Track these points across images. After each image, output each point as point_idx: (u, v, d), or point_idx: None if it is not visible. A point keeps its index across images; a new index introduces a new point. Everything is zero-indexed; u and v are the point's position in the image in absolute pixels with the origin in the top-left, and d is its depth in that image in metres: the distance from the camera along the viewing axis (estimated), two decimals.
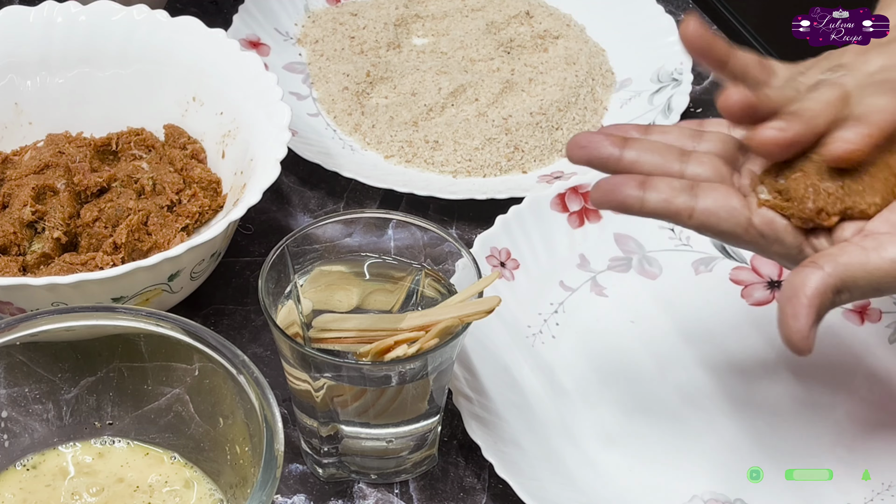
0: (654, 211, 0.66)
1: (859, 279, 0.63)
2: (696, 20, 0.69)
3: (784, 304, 0.63)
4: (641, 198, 0.66)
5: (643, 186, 0.66)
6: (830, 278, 0.62)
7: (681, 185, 0.67)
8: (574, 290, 0.87)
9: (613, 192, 0.67)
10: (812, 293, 0.62)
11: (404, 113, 0.99)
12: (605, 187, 0.67)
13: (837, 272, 0.62)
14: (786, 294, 0.63)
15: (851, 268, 0.63)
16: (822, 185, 0.66)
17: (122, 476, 0.70)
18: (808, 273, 0.63)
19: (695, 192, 0.66)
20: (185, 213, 0.86)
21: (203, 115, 0.91)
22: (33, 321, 0.68)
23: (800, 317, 0.62)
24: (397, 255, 0.78)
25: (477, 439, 0.75)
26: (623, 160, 0.68)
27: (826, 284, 0.62)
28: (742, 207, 0.66)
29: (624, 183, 0.67)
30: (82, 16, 0.91)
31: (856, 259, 0.63)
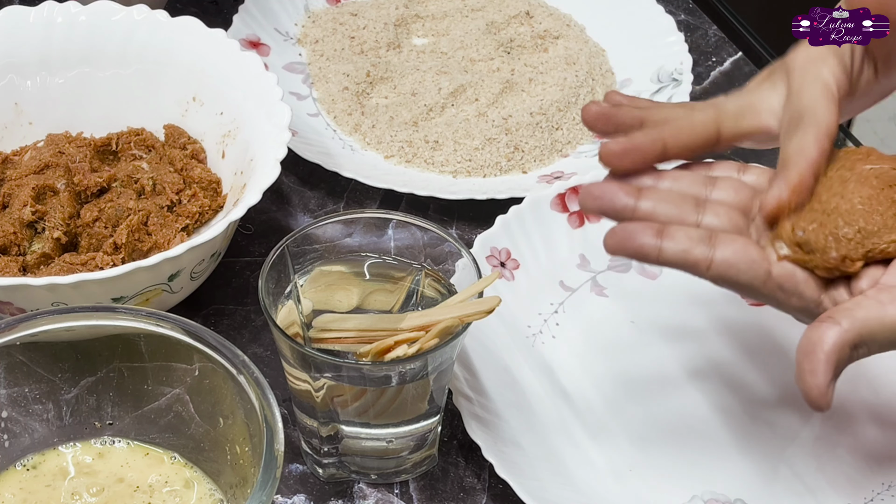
0: (672, 261, 0.66)
1: (877, 334, 0.63)
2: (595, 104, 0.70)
3: (802, 360, 0.62)
4: (659, 247, 0.66)
5: (660, 235, 0.66)
6: (848, 334, 0.62)
7: (698, 235, 0.66)
8: (574, 290, 0.87)
9: (629, 240, 0.66)
10: (830, 349, 0.62)
11: (404, 113, 0.99)
12: (620, 235, 0.66)
13: (855, 327, 0.62)
14: (803, 349, 0.62)
15: (869, 323, 0.62)
16: (841, 233, 0.66)
17: (122, 476, 0.70)
18: (826, 328, 0.62)
19: (713, 243, 0.66)
20: (185, 213, 0.86)
21: (203, 115, 0.91)
22: (33, 321, 0.68)
23: (818, 373, 0.62)
24: (397, 255, 0.78)
25: (477, 439, 0.75)
26: (639, 211, 0.67)
27: (844, 340, 0.62)
28: (761, 259, 0.66)
29: (641, 232, 0.66)
30: (82, 16, 0.91)
31: (873, 314, 0.63)
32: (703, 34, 1.10)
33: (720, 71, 1.06)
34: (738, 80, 1.05)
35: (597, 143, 0.99)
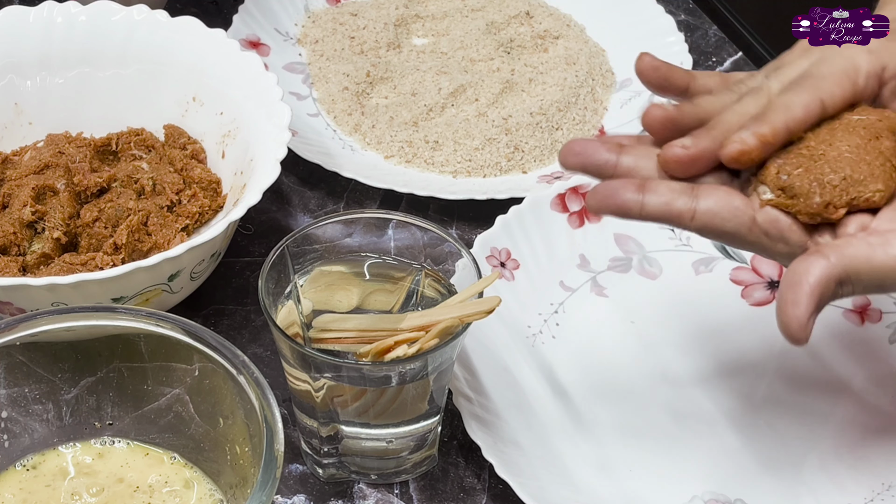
0: (655, 214, 0.65)
1: (863, 273, 0.62)
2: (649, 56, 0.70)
3: (785, 290, 0.62)
4: (641, 201, 0.65)
5: (642, 190, 0.65)
6: (835, 268, 0.62)
7: (680, 188, 0.66)
8: (574, 290, 0.87)
9: (612, 197, 0.65)
10: (815, 281, 0.61)
11: (404, 113, 0.99)
12: (602, 192, 0.66)
13: (842, 263, 0.62)
14: (788, 280, 0.62)
15: (857, 261, 0.62)
16: (826, 178, 0.65)
17: (122, 476, 0.70)
18: (813, 261, 0.62)
19: (695, 194, 0.65)
20: (185, 214, 0.86)
21: (203, 115, 0.91)
22: (33, 321, 0.68)
23: (800, 304, 0.61)
24: (397, 255, 0.78)
25: (477, 439, 0.75)
26: (620, 166, 0.67)
27: (830, 274, 0.62)
28: (745, 207, 0.65)
29: (622, 187, 0.66)
30: (82, 16, 0.91)
31: (861, 252, 0.62)
32: (703, 34, 1.10)
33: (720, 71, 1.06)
34: None
35: None
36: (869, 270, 0.62)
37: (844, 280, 0.62)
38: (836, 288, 0.62)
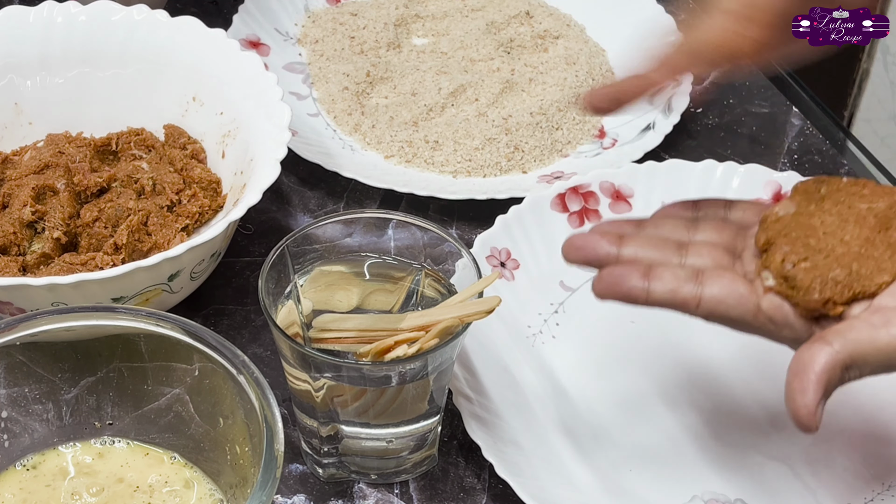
0: (661, 301, 0.66)
1: (869, 356, 0.62)
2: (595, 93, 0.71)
3: (792, 379, 0.62)
4: (647, 289, 0.66)
5: (647, 277, 0.66)
6: (840, 355, 0.62)
7: (686, 274, 0.66)
8: (574, 290, 0.87)
9: (618, 284, 0.66)
10: (821, 369, 0.61)
11: (404, 113, 0.99)
12: (608, 279, 0.66)
13: (847, 349, 0.62)
14: (794, 369, 0.62)
15: (861, 344, 0.62)
16: (831, 275, 0.65)
17: (122, 476, 0.70)
18: (818, 349, 0.62)
19: (700, 281, 0.66)
20: (185, 213, 0.86)
21: (203, 115, 0.91)
22: (33, 321, 0.68)
23: (808, 392, 0.61)
24: (397, 255, 0.78)
25: (477, 439, 0.75)
26: (622, 258, 0.68)
27: (835, 361, 0.62)
28: (750, 293, 0.66)
29: (628, 274, 0.66)
30: (82, 16, 0.91)
31: (865, 335, 0.62)
32: None
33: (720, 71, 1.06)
34: (737, 80, 1.05)
35: (597, 142, 0.99)
36: (874, 353, 0.62)
37: (850, 365, 0.62)
38: (842, 374, 0.62)
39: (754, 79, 1.05)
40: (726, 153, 0.99)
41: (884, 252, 0.66)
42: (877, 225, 0.67)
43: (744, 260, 0.69)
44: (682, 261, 0.68)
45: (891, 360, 0.62)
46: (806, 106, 1.03)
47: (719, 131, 1.01)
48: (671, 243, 0.69)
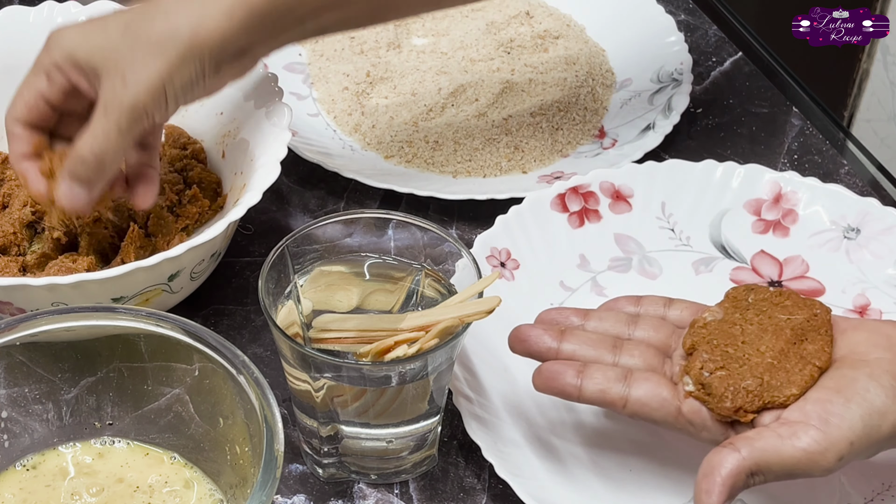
0: (591, 399, 0.71)
1: (773, 464, 0.67)
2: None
3: (701, 480, 0.67)
4: (579, 387, 0.71)
5: (581, 375, 0.71)
6: (746, 461, 0.66)
7: (615, 375, 0.71)
8: (574, 290, 0.87)
9: (554, 380, 0.72)
10: (727, 474, 0.66)
11: (404, 113, 0.99)
12: (545, 374, 0.72)
13: (753, 456, 0.66)
14: (704, 470, 0.67)
15: (766, 454, 0.66)
16: (743, 384, 0.69)
17: (122, 476, 0.70)
18: (726, 454, 0.67)
19: (629, 382, 0.71)
20: (185, 214, 0.86)
21: (203, 115, 0.91)
22: (33, 321, 0.68)
23: (713, 494, 0.66)
24: (397, 255, 0.78)
25: (477, 439, 0.75)
26: (561, 353, 0.73)
27: (741, 467, 0.66)
28: (672, 398, 0.71)
29: (563, 372, 0.72)
30: (82, 16, 0.91)
31: (770, 445, 0.67)
32: (703, 34, 1.10)
33: (720, 71, 1.06)
34: (737, 80, 1.05)
35: (597, 142, 0.99)
36: (778, 462, 0.67)
37: (755, 471, 0.67)
38: (746, 478, 0.67)
39: (754, 79, 1.05)
40: (726, 153, 0.99)
41: (795, 364, 0.70)
42: (792, 337, 0.71)
43: (673, 360, 0.73)
44: (616, 359, 0.73)
45: (793, 470, 0.67)
46: (806, 106, 1.03)
47: (719, 131, 1.01)
48: (608, 341, 0.74)
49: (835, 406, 0.67)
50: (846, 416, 0.66)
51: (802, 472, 0.67)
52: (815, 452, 0.66)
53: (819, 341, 0.71)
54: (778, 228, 0.90)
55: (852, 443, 0.66)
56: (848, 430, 0.66)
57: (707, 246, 0.90)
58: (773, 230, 0.90)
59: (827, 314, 0.73)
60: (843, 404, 0.67)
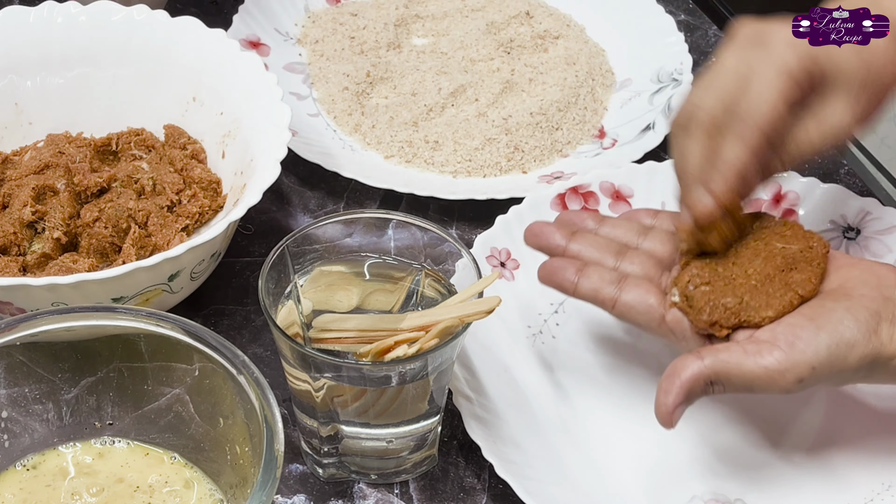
0: (584, 296, 0.76)
1: (733, 377, 0.70)
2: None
3: (663, 381, 0.70)
4: (575, 283, 0.76)
5: (579, 273, 0.76)
6: (706, 370, 0.69)
7: (610, 278, 0.76)
8: None
9: (555, 274, 0.77)
10: (686, 378, 0.69)
11: (404, 113, 0.99)
12: (548, 268, 0.77)
13: (714, 366, 0.69)
14: (666, 373, 0.70)
15: (728, 366, 0.69)
16: (723, 301, 0.72)
17: (122, 476, 0.70)
18: (690, 361, 0.70)
19: (621, 286, 0.75)
20: (185, 214, 0.86)
21: (203, 115, 0.91)
22: (33, 321, 0.68)
23: (670, 394, 0.69)
24: (397, 255, 0.78)
25: (477, 439, 0.75)
26: (568, 251, 0.78)
27: (700, 374, 0.69)
28: (658, 306, 0.74)
29: (564, 268, 0.77)
30: (82, 16, 0.91)
31: (734, 359, 0.69)
32: (703, 34, 1.10)
33: None
34: None
35: (597, 142, 1.00)
36: (738, 375, 0.69)
37: (715, 381, 0.70)
38: (705, 386, 0.70)
39: None
40: None
41: (777, 290, 0.72)
42: (782, 264, 0.73)
43: (672, 273, 0.76)
44: (617, 265, 0.77)
45: (752, 386, 0.69)
46: None
47: None
48: (613, 247, 0.78)
49: (804, 332, 0.69)
50: (812, 343, 0.69)
51: (761, 388, 0.69)
52: (775, 371, 0.68)
53: (807, 272, 0.73)
54: None
55: (814, 368, 0.68)
56: (812, 356, 0.68)
57: None
58: None
59: (823, 248, 0.74)
60: (813, 331, 0.69)
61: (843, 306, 0.70)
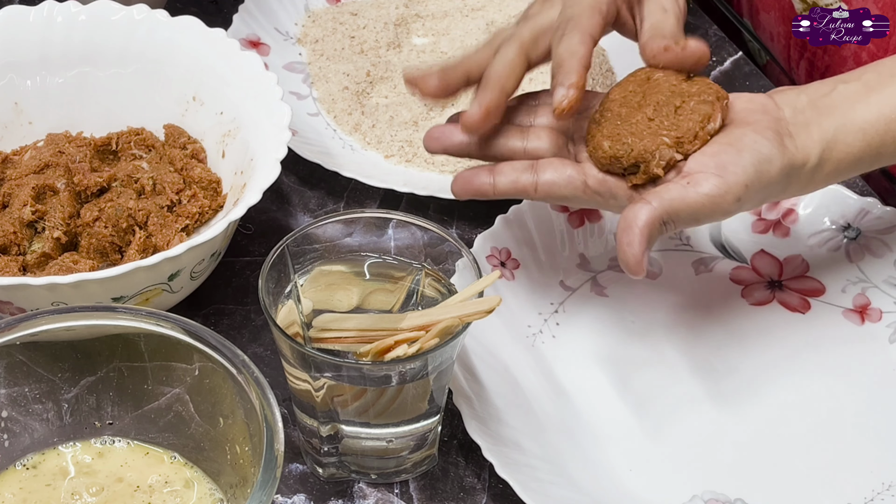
0: (505, 191, 0.78)
1: (681, 211, 0.73)
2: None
3: (620, 235, 0.72)
4: (492, 183, 0.78)
5: (492, 173, 0.78)
6: (657, 211, 0.72)
7: (522, 166, 0.78)
8: (574, 290, 0.87)
9: (470, 182, 0.78)
10: (643, 224, 0.72)
11: (404, 113, 0.99)
12: (462, 178, 0.79)
13: (663, 206, 0.72)
14: (622, 227, 0.73)
15: (675, 202, 0.73)
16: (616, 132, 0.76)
17: (121, 476, 0.70)
18: (639, 208, 0.73)
19: (535, 170, 0.77)
20: (185, 213, 0.86)
21: (203, 114, 0.91)
22: (33, 321, 0.68)
23: (634, 244, 0.72)
24: (397, 255, 0.78)
25: (477, 439, 0.75)
26: (472, 144, 0.79)
27: (654, 217, 0.72)
28: (577, 174, 0.77)
29: (476, 173, 0.78)
30: (82, 15, 0.91)
31: (677, 194, 0.73)
32: (704, 34, 1.10)
33: (720, 70, 1.06)
34: (738, 80, 1.05)
35: None
36: (685, 208, 0.73)
37: (667, 220, 0.73)
38: (660, 227, 0.73)
39: (754, 79, 1.05)
40: None
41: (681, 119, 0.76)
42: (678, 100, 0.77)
43: (575, 140, 0.80)
44: (525, 143, 0.79)
45: (698, 215, 0.73)
46: None
47: None
48: (514, 128, 0.80)
49: (729, 156, 0.74)
50: (739, 163, 0.73)
51: (706, 216, 0.74)
52: (716, 196, 0.73)
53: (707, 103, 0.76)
54: (778, 228, 0.90)
55: (747, 185, 0.73)
56: (742, 175, 0.73)
57: (707, 245, 0.90)
58: (773, 230, 0.90)
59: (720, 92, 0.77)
60: (735, 154, 0.74)
61: (750, 130, 0.75)
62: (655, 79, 0.78)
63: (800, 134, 0.76)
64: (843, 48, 0.95)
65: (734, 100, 0.78)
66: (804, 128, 0.76)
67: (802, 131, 0.76)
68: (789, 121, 0.77)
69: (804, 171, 0.76)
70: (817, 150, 0.76)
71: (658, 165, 0.75)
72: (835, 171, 0.77)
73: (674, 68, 0.78)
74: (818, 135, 0.76)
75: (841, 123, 0.76)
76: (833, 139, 0.76)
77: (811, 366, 0.84)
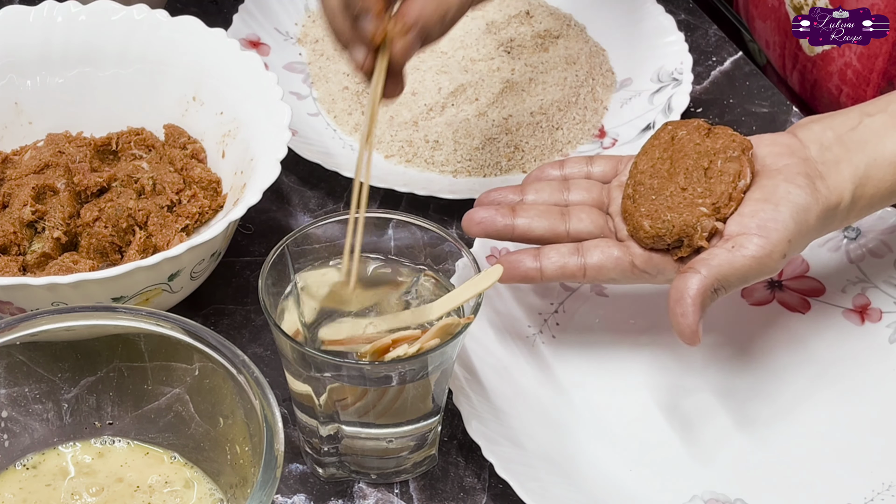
0: (553, 276, 0.77)
1: (730, 276, 0.73)
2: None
3: (673, 306, 0.72)
4: (539, 268, 0.77)
5: (538, 258, 0.77)
6: (707, 280, 0.72)
7: (568, 250, 0.77)
8: (574, 289, 0.87)
9: (516, 268, 0.77)
10: (695, 293, 0.72)
11: (404, 112, 0.99)
12: (508, 265, 0.77)
13: (712, 273, 0.73)
14: (673, 297, 0.73)
15: (723, 268, 0.73)
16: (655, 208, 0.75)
17: (121, 476, 0.70)
18: (689, 277, 0.73)
19: (581, 253, 0.77)
20: (185, 213, 0.86)
21: (203, 114, 0.91)
22: (33, 321, 0.68)
23: (688, 315, 0.72)
24: (397, 254, 0.78)
25: (477, 439, 0.75)
26: (517, 228, 0.78)
27: (705, 285, 0.72)
28: (624, 254, 0.77)
29: (522, 259, 0.77)
30: (82, 15, 0.91)
31: (724, 260, 0.73)
32: (703, 34, 1.10)
33: (720, 71, 1.06)
34: (738, 80, 1.05)
35: (597, 142, 1.00)
36: (733, 272, 0.73)
37: (718, 286, 0.73)
38: (712, 294, 0.73)
39: (754, 78, 1.05)
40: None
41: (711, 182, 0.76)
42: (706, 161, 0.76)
43: (614, 218, 0.79)
44: (567, 226, 0.78)
45: (746, 277, 0.73)
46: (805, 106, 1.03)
47: None
48: (554, 210, 0.79)
49: (767, 213, 0.74)
50: (779, 219, 0.73)
51: (755, 276, 0.74)
52: (762, 257, 0.73)
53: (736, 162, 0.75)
54: None
55: (790, 241, 0.73)
56: (784, 231, 0.73)
57: None
58: None
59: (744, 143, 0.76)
60: (773, 210, 0.74)
61: (782, 179, 0.75)
62: (679, 138, 0.78)
63: (830, 173, 0.75)
64: (830, 63, 0.95)
65: (757, 145, 0.77)
66: (834, 166, 0.75)
67: (833, 170, 0.75)
68: (817, 159, 0.76)
69: (839, 210, 0.76)
70: (850, 188, 0.76)
71: (701, 238, 0.75)
72: (868, 205, 0.77)
73: None
74: (849, 172, 0.76)
75: (872, 159, 0.76)
76: (865, 175, 0.76)
77: (811, 366, 0.84)
